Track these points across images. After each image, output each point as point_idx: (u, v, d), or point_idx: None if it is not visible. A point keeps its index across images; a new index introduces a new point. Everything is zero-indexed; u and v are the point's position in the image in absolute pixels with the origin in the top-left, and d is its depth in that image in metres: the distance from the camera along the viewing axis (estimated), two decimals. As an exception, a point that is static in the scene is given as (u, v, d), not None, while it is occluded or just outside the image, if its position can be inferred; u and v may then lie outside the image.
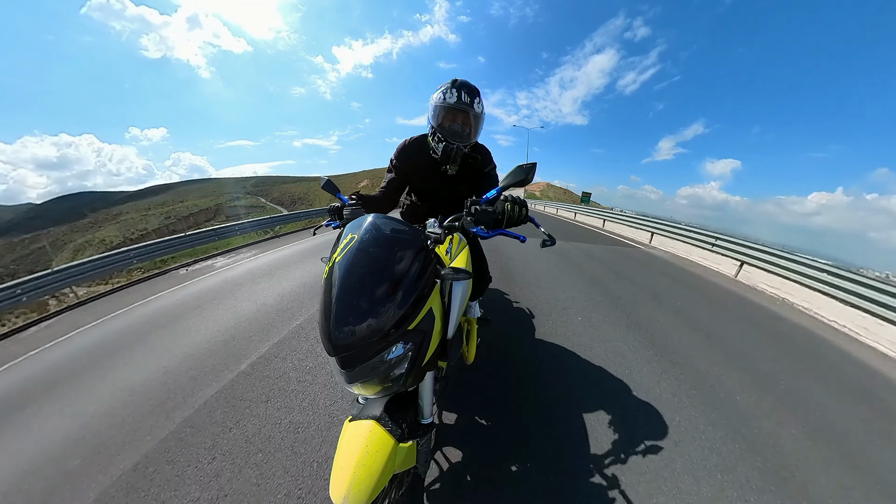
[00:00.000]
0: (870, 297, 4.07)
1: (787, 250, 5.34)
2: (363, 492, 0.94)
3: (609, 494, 1.67)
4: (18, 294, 5.68)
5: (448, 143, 1.51)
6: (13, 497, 1.88)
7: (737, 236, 6.37)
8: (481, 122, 1.54)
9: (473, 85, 1.48)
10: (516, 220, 1.18)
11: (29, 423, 2.57)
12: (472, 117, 1.50)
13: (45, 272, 6.13)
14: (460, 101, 1.45)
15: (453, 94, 1.45)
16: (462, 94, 1.45)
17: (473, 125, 1.52)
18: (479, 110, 1.50)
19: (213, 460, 1.90)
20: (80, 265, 6.60)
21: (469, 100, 1.46)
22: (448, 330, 1.23)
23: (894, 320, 3.76)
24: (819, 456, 1.99)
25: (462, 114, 1.50)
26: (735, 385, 2.61)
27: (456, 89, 1.46)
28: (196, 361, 2.99)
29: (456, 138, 1.51)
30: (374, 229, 1.04)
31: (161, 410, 2.39)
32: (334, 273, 0.97)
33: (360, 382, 0.99)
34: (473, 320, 2.10)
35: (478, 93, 1.49)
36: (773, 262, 5.41)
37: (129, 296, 5.80)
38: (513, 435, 2.00)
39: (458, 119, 1.52)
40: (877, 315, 3.93)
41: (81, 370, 3.30)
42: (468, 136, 1.54)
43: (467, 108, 1.46)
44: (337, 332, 0.91)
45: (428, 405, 1.26)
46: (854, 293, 4.24)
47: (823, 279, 4.67)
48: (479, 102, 1.49)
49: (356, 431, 1.08)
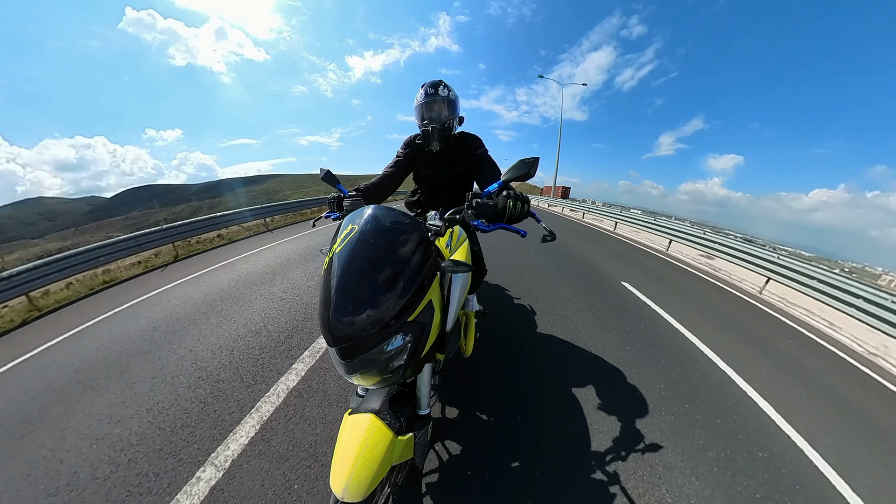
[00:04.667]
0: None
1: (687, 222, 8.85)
2: (362, 483, 0.95)
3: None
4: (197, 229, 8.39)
5: (425, 127, 1.80)
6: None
7: (668, 218, 11.13)
8: (451, 102, 1.82)
9: (439, 80, 1.82)
10: (517, 216, 1.17)
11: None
12: (441, 101, 1.80)
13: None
14: (427, 95, 1.79)
15: (422, 93, 1.80)
16: (428, 89, 1.79)
17: (445, 106, 1.81)
18: (445, 94, 1.78)
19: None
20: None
21: (434, 90, 1.78)
22: (447, 322, 1.23)
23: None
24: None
25: (433, 103, 1.80)
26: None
27: (424, 89, 1.80)
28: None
29: (436, 122, 1.79)
30: (375, 220, 1.03)
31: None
32: (334, 264, 0.96)
33: (360, 373, 0.99)
34: (472, 313, 2.11)
35: (442, 83, 1.80)
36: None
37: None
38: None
39: (433, 108, 1.81)
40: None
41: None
42: (446, 117, 1.81)
43: (434, 96, 1.78)
44: (336, 323, 0.91)
45: (425, 397, 1.27)
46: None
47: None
48: (444, 88, 1.79)
49: (355, 424, 1.08)
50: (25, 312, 4.79)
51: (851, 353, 3.73)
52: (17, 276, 5.06)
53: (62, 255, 5.79)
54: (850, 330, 4.31)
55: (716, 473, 1.85)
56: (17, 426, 2.30)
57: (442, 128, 1.78)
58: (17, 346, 3.72)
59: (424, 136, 1.82)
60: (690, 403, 2.40)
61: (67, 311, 4.77)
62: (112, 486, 1.73)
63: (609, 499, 1.65)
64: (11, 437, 2.19)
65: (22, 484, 1.81)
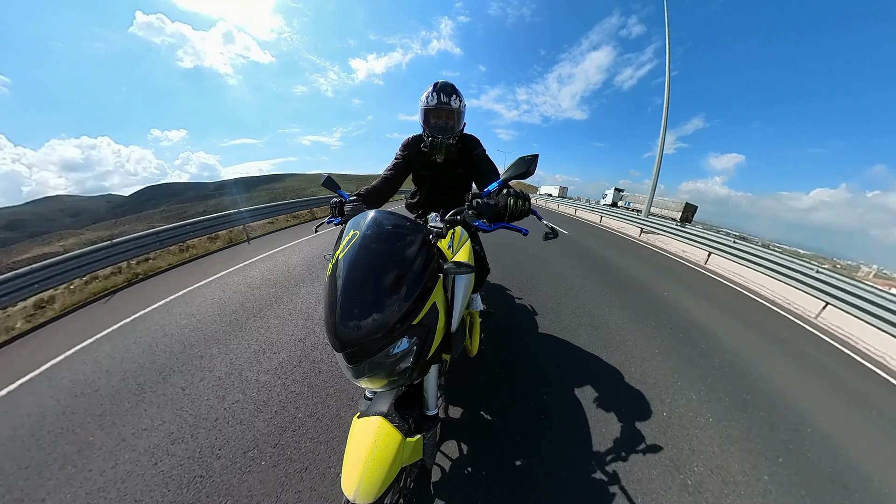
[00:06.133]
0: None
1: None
2: (373, 485, 0.96)
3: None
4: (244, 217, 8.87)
5: (434, 137, 1.74)
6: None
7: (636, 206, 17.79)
8: (462, 115, 1.76)
9: (452, 84, 1.70)
10: (518, 214, 1.18)
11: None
12: (452, 112, 1.72)
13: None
14: (440, 101, 1.68)
15: (434, 96, 1.68)
16: (441, 95, 1.67)
17: (455, 119, 1.75)
18: (457, 106, 1.71)
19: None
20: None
21: (447, 99, 1.68)
22: (452, 323, 1.24)
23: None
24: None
25: (444, 111, 1.71)
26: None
27: (436, 92, 1.68)
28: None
29: (441, 132, 1.74)
30: (377, 225, 1.04)
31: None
32: (338, 269, 0.97)
33: (367, 377, 0.99)
34: (476, 313, 2.11)
35: (455, 91, 1.70)
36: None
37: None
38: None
39: (441, 116, 1.74)
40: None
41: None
42: (452, 129, 1.76)
43: (446, 105, 1.68)
44: (343, 328, 0.91)
45: (433, 398, 1.27)
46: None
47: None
48: (457, 98, 1.70)
49: (365, 427, 1.09)
50: (143, 274, 5.82)
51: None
52: (122, 245, 6.08)
53: (149, 231, 6.73)
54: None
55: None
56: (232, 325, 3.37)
57: (449, 143, 1.77)
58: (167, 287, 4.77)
59: (431, 145, 1.79)
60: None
61: (173, 273, 5.71)
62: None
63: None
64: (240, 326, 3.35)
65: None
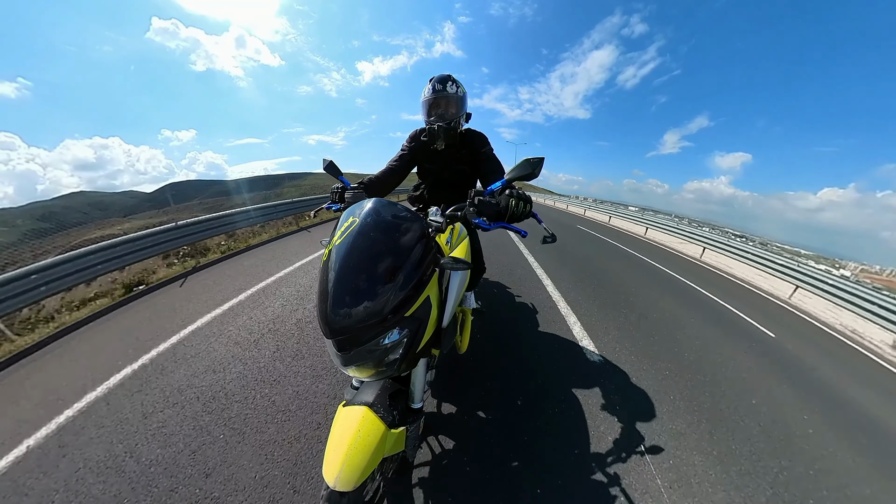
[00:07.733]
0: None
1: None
2: (353, 473, 0.97)
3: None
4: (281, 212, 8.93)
5: (431, 124, 1.77)
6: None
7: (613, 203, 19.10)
8: (460, 100, 1.78)
9: (448, 74, 1.78)
10: (519, 215, 1.17)
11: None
12: (450, 99, 1.76)
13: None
14: (435, 91, 1.73)
15: (431, 88, 1.75)
16: (436, 85, 1.74)
17: (455, 105, 1.78)
18: (453, 91, 1.74)
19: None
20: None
21: (442, 86, 1.73)
22: (444, 318, 1.24)
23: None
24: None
25: (442, 100, 1.76)
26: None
27: (432, 84, 1.75)
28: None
29: (442, 120, 1.76)
30: (375, 214, 1.03)
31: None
32: (333, 256, 0.96)
33: (355, 365, 0.99)
34: (468, 311, 2.11)
35: (452, 78, 1.75)
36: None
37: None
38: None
39: (440, 105, 1.77)
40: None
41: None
42: (453, 115, 1.79)
43: (441, 93, 1.74)
44: (334, 315, 0.91)
45: (419, 391, 1.28)
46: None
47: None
48: (452, 84, 1.74)
49: (349, 416, 1.09)
50: (227, 248, 6.26)
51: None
52: (209, 221, 6.34)
53: (215, 215, 6.80)
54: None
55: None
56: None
57: (448, 126, 1.75)
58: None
59: (430, 133, 1.79)
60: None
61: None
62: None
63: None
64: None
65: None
